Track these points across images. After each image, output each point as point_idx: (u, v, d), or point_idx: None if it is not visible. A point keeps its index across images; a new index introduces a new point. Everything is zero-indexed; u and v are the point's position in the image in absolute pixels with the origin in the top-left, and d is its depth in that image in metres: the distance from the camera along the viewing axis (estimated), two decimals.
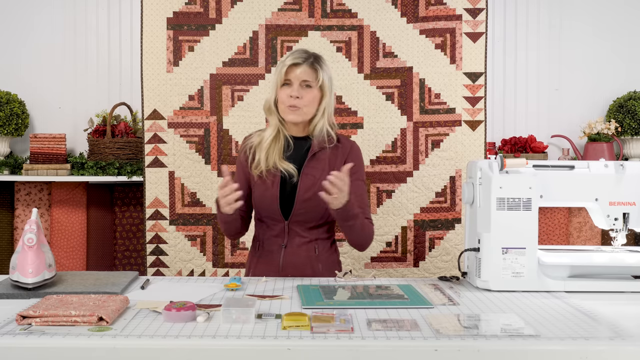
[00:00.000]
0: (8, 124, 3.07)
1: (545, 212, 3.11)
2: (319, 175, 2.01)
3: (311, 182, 2.02)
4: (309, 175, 2.03)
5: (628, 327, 1.37)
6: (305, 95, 2.00)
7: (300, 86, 2.00)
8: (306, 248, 2.05)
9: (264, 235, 2.10)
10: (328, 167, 2.03)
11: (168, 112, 2.87)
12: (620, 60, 3.35)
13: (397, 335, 1.30)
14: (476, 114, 2.87)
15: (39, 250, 1.65)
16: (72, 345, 1.25)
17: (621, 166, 1.83)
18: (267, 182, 2.04)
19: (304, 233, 2.05)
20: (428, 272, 2.88)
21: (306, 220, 2.04)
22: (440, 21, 2.86)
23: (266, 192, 2.03)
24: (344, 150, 2.08)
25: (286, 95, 2.00)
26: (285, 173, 2.03)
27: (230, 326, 1.35)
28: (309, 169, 2.03)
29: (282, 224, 2.05)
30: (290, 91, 2.00)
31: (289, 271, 2.04)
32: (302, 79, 2.00)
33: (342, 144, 2.10)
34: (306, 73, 2.00)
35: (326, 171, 2.00)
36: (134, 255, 3.17)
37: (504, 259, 1.73)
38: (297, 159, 2.06)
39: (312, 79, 2.01)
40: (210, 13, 2.87)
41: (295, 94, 1.99)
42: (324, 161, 2.05)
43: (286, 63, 2.01)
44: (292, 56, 2.02)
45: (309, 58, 2.02)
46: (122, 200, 3.18)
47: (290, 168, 2.02)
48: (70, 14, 3.30)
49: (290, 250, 2.05)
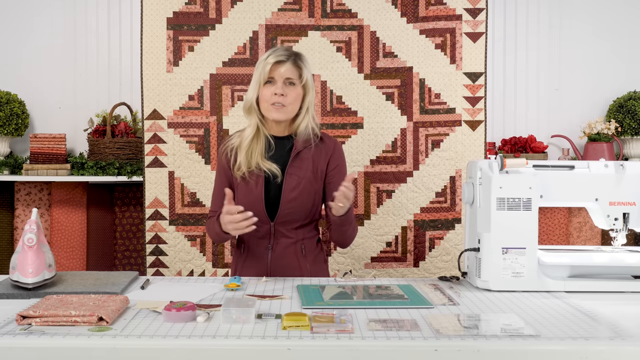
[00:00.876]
0: (8, 124, 3.07)
1: (545, 212, 3.11)
2: (302, 175, 1.99)
3: (296, 181, 1.99)
4: (293, 175, 2.00)
5: (628, 327, 1.37)
6: (289, 93, 1.97)
7: (284, 84, 1.97)
8: (293, 249, 2.04)
9: (248, 238, 2.05)
10: (312, 166, 2.01)
11: (168, 112, 2.87)
12: (620, 60, 3.35)
13: (397, 335, 1.30)
14: (476, 114, 2.87)
15: (39, 250, 1.65)
16: (72, 345, 1.25)
17: (621, 166, 1.83)
18: (250, 183, 2.00)
19: (289, 234, 2.03)
20: (428, 272, 2.88)
21: (292, 220, 2.01)
22: (440, 21, 2.86)
23: (250, 194, 2.00)
24: (327, 150, 2.05)
25: (270, 93, 1.97)
26: (269, 173, 2.00)
27: (230, 326, 1.35)
28: (293, 168, 2.00)
29: (267, 226, 2.01)
30: (274, 89, 1.96)
31: (277, 273, 2.02)
32: (286, 77, 1.97)
33: (325, 143, 2.07)
34: (290, 71, 1.97)
35: (310, 170, 2.00)
36: (134, 255, 3.17)
37: (504, 259, 1.73)
38: (279, 159, 2.03)
39: (296, 77, 1.99)
40: (210, 13, 2.87)
41: (279, 92, 1.95)
42: (308, 160, 2.02)
43: (269, 61, 1.96)
44: (274, 54, 1.98)
45: (291, 56, 1.99)
46: (122, 200, 3.18)
47: (273, 168, 1.99)
48: (70, 14, 3.30)
49: (277, 252, 2.03)
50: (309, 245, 2.06)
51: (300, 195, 1.98)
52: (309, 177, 2.00)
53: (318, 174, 2.03)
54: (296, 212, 2.00)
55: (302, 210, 2.01)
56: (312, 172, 2.01)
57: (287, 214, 2.00)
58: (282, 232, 2.03)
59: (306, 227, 2.06)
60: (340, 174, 2.04)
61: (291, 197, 1.98)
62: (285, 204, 1.99)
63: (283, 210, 1.99)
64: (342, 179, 2.00)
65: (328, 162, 2.04)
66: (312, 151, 2.03)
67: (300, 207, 2.00)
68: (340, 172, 2.05)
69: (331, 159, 2.04)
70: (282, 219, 2.01)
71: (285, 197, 1.99)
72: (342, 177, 2.02)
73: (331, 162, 2.04)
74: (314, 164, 2.02)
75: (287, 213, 2.00)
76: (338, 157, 2.06)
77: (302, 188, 1.98)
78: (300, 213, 2.01)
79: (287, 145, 2.05)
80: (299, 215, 2.01)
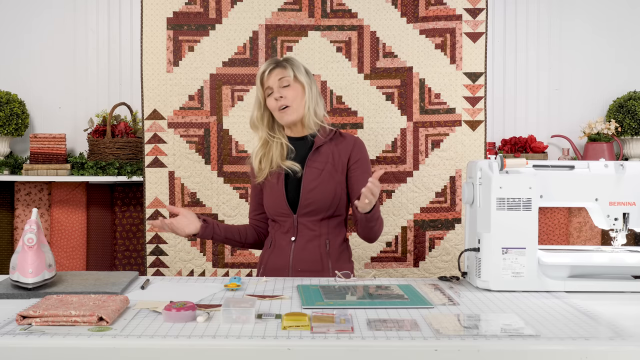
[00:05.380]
0: (8, 124, 3.07)
1: (545, 212, 3.11)
2: (322, 167, 2.08)
3: (315, 173, 2.07)
4: (313, 167, 2.09)
5: (628, 327, 1.37)
6: (287, 93, 2.09)
7: (279, 87, 2.09)
8: (317, 243, 2.08)
9: (275, 233, 2.14)
10: (332, 158, 2.10)
11: (168, 112, 2.87)
12: (620, 60, 3.35)
13: (397, 335, 1.30)
14: (476, 114, 2.87)
15: (39, 250, 1.65)
16: (72, 345, 1.25)
17: (621, 166, 1.83)
18: (272, 181, 2.11)
19: (313, 226, 2.08)
20: (428, 272, 2.88)
21: (314, 211, 2.07)
22: (440, 21, 2.86)
23: (272, 190, 2.11)
24: (347, 144, 2.13)
25: (273, 100, 2.10)
26: (289, 170, 2.09)
27: (230, 326, 1.35)
28: (312, 161, 2.09)
29: (291, 219, 2.09)
30: (273, 95, 2.10)
31: (299, 265, 2.06)
32: (278, 79, 2.10)
33: (345, 138, 2.16)
34: (279, 73, 2.10)
35: (330, 163, 2.09)
36: (134, 255, 3.17)
37: (504, 259, 1.73)
38: (300, 159, 2.12)
39: (287, 77, 2.09)
40: (210, 13, 2.87)
41: (277, 95, 2.08)
42: (327, 154, 2.10)
43: (260, 74, 2.12)
44: (263, 67, 2.13)
45: (278, 62, 2.14)
46: (122, 200, 3.18)
47: (293, 165, 2.09)
48: (71, 14, 3.30)
49: (300, 245, 2.08)
50: (333, 242, 2.10)
51: (320, 185, 2.06)
52: (329, 169, 2.08)
53: (339, 167, 2.10)
54: (317, 202, 2.06)
55: (324, 201, 2.06)
56: (332, 164, 2.09)
57: (308, 204, 2.06)
58: (306, 224, 2.08)
59: (330, 221, 2.10)
60: (362, 169, 2.12)
61: (311, 187, 2.06)
62: (306, 194, 2.06)
63: (304, 200, 2.06)
64: (364, 173, 2.10)
65: (349, 156, 2.11)
66: (332, 146, 2.12)
67: (321, 197, 2.06)
68: (362, 166, 2.12)
69: (352, 153, 2.12)
70: (304, 209, 2.07)
71: (306, 187, 2.06)
72: (364, 172, 2.11)
73: (352, 156, 2.12)
74: (334, 156, 2.10)
75: (308, 203, 2.06)
76: (359, 152, 2.13)
77: (322, 178, 2.06)
78: (322, 203, 2.06)
79: (308, 144, 2.14)
80: (320, 205, 2.06)
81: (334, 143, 2.12)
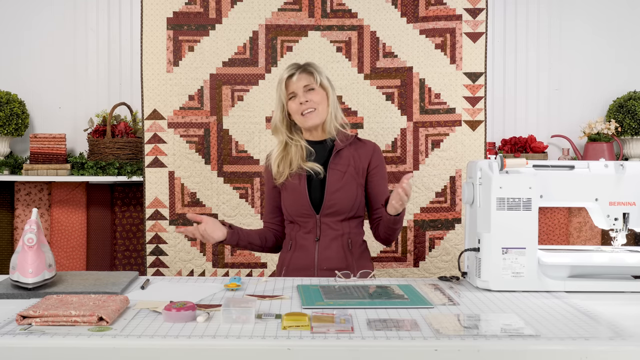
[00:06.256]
0: (8, 124, 3.07)
1: (545, 212, 3.11)
2: (344, 169, 2.11)
3: (339, 175, 2.10)
4: (336, 170, 2.11)
5: (628, 327, 1.37)
6: (312, 96, 2.10)
7: (304, 92, 2.09)
8: (340, 242, 2.10)
9: (296, 234, 2.14)
10: (353, 162, 2.12)
11: (168, 112, 2.87)
12: (620, 60, 3.35)
13: (397, 335, 1.30)
14: (476, 114, 2.87)
15: (39, 250, 1.65)
16: (72, 345, 1.25)
17: (621, 166, 1.83)
18: (293, 182, 2.12)
19: (335, 226, 2.10)
20: (428, 272, 2.88)
21: (337, 211, 2.09)
22: (440, 21, 2.86)
23: (294, 191, 2.12)
24: (367, 150, 2.16)
25: (296, 105, 2.10)
26: (311, 171, 2.11)
27: (230, 326, 1.35)
28: (334, 164, 2.12)
29: (313, 219, 2.10)
30: (297, 99, 2.10)
31: (325, 264, 2.08)
32: (303, 85, 2.10)
33: (365, 143, 2.19)
34: (304, 79, 2.11)
35: (352, 166, 2.12)
36: (134, 255, 3.17)
37: (504, 259, 1.73)
38: (321, 161, 2.14)
39: (311, 82, 2.11)
40: (210, 13, 2.87)
41: (302, 100, 2.09)
42: (348, 157, 2.13)
43: (284, 78, 2.12)
44: (286, 71, 2.13)
45: (301, 66, 2.14)
46: (122, 200, 3.18)
47: (315, 166, 2.11)
48: (70, 14, 3.30)
49: (324, 244, 2.10)
50: (355, 241, 2.13)
51: (344, 187, 2.09)
52: (351, 172, 2.11)
53: (360, 171, 2.13)
54: (340, 203, 2.08)
55: (346, 202, 2.09)
56: (354, 167, 2.12)
57: (331, 205, 2.08)
58: (328, 224, 2.10)
59: (351, 222, 2.12)
60: (380, 174, 2.16)
61: (335, 189, 2.08)
62: (330, 196, 2.08)
63: (328, 201, 2.08)
64: (382, 179, 2.15)
65: (370, 162, 2.14)
66: (352, 150, 2.15)
67: (344, 199, 2.08)
68: (380, 172, 2.16)
69: (372, 159, 2.15)
70: (327, 210, 2.09)
71: (330, 189, 2.09)
72: (382, 177, 2.16)
73: (372, 162, 2.15)
74: (354, 160, 2.13)
75: (331, 205, 2.08)
76: (378, 158, 2.17)
77: (345, 181, 2.09)
78: (344, 204, 2.09)
79: (328, 147, 2.16)
80: (343, 206, 2.09)
81: (354, 147, 2.15)
